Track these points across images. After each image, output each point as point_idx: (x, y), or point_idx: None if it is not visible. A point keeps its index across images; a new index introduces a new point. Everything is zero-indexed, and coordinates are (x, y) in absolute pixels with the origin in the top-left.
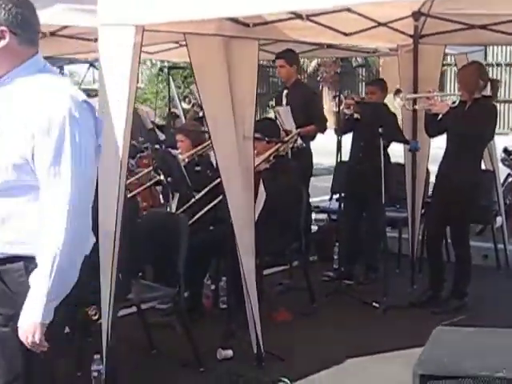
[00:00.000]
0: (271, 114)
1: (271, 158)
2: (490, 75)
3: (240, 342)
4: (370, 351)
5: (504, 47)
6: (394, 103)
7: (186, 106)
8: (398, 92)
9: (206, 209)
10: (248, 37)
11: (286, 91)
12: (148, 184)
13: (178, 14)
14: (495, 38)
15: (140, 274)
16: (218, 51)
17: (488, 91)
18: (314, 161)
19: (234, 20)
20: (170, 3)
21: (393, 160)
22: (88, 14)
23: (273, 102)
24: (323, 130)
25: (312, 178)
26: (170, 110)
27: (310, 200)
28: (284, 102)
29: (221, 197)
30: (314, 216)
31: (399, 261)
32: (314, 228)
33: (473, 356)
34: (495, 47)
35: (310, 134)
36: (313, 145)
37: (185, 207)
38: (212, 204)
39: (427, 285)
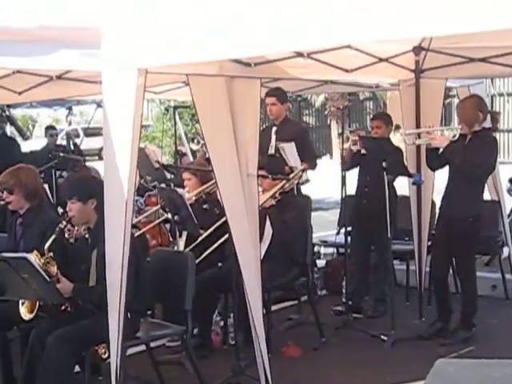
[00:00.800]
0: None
1: (277, 194)
2: (494, 105)
3: (249, 378)
4: None
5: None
6: (394, 138)
7: (194, 146)
8: (397, 128)
9: (213, 246)
10: (250, 76)
11: (274, 128)
12: (155, 222)
13: (179, 57)
14: (496, 70)
15: (149, 312)
16: (221, 91)
17: (488, 123)
18: (323, 194)
19: (236, 60)
20: (171, 46)
21: (399, 193)
22: (91, 57)
23: None
24: (314, 166)
25: (320, 212)
26: (176, 148)
27: (318, 234)
28: (273, 138)
29: (228, 234)
30: (322, 250)
31: (407, 293)
32: (322, 262)
33: None
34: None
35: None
36: (322, 178)
37: (192, 245)
38: (219, 241)
39: (435, 317)
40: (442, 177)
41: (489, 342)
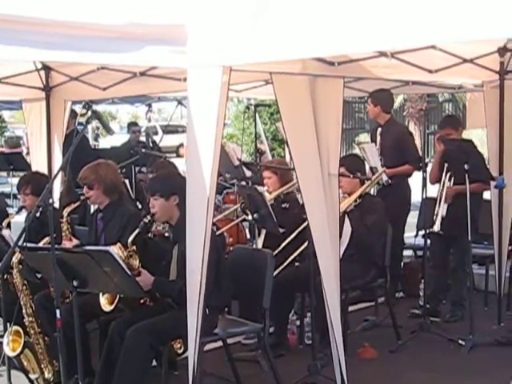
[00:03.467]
0: (356, 150)
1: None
2: None
3: (324, 378)
4: None
5: None
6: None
7: None
8: None
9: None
10: (333, 75)
11: (379, 129)
12: (235, 221)
13: (264, 55)
14: None
15: (226, 309)
16: (304, 89)
17: None
18: None
19: (320, 59)
20: (256, 44)
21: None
22: (178, 55)
23: (358, 138)
24: (418, 168)
25: None
26: (256, 146)
27: None
28: (378, 139)
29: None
30: None
31: (486, 298)
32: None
33: None
34: None
35: (407, 172)
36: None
37: (279, 249)
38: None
39: None
40: None
41: None
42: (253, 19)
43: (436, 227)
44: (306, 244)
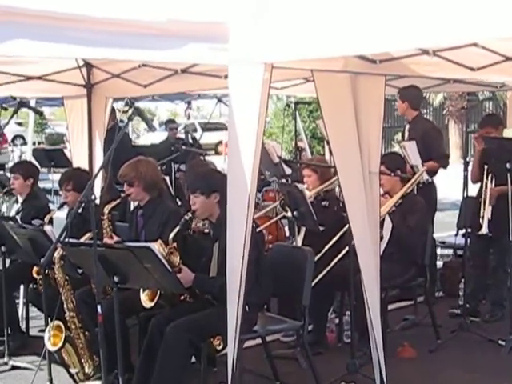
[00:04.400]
0: (396, 148)
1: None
2: None
3: (363, 377)
4: None
5: None
6: None
7: None
8: None
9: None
10: (375, 73)
11: (407, 126)
12: (275, 219)
13: (305, 52)
14: None
15: (266, 306)
16: (345, 87)
17: None
18: (441, 195)
19: (361, 57)
20: (298, 41)
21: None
22: (219, 52)
23: (398, 136)
24: (445, 165)
25: (438, 213)
26: (296, 144)
27: (436, 235)
28: (406, 135)
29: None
30: (439, 251)
31: None
32: (440, 263)
33: None
34: None
35: (431, 169)
36: (439, 178)
37: (323, 252)
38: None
39: None
40: None
41: None
42: (295, 16)
43: (484, 230)
44: (347, 248)
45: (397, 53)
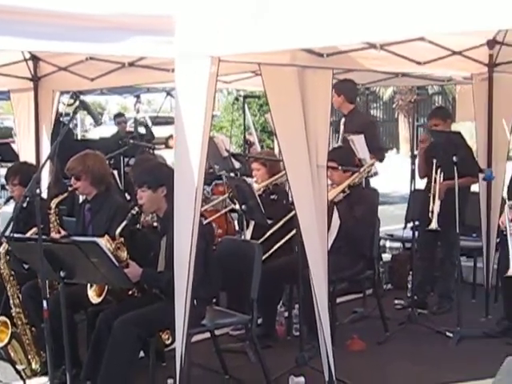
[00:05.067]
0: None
1: (346, 188)
2: None
3: (312, 370)
4: (443, 381)
5: None
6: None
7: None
8: None
9: (283, 241)
10: (322, 66)
11: (343, 119)
12: (223, 211)
13: (252, 45)
14: None
15: (214, 300)
16: (292, 81)
17: None
18: (390, 189)
19: (308, 50)
20: (244, 35)
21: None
22: (166, 45)
23: None
24: (381, 158)
25: (387, 206)
26: (245, 138)
27: (385, 228)
28: (341, 129)
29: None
30: (388, 244)
31: (474, 290)
32: (388, 256)
33: None
34: None
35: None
36: (389, 172)
37: (264, 238)
38: (289, 234)
39: (502, 315)
40: None
41: None
42: (241, 9)
43: (433, 225)
44: (292, 232)
45: (344, 46)
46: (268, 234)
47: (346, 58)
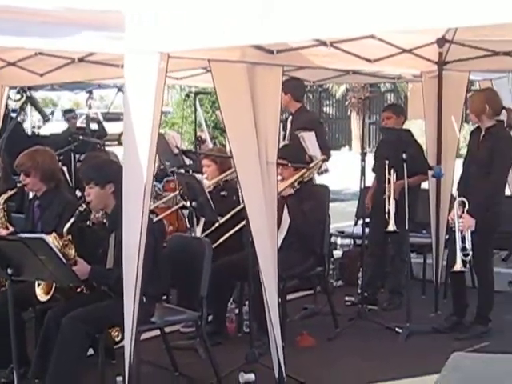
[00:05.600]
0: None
1: (296, 184)
2: None
3: (262, 366)
4: (392, 377)
5: None
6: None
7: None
8: None
9: (230, 233)
10: (272, 63)
11: (290, 117)
12: (173, 208)
13: (201, 41)
14: None
15: (164, 297)
16: (242, 77)
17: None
18: (342, 186)
19: (258, 47)
20: (194, 31)
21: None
22: (115, 40)
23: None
24: (327, 158)
25: (339, 203)
26: (196, 134)
27: (337, 225)
28: (288, 127)
29: (245, 222)
30: (338, 241)
31: (424, 286)
32: (339, 253)
33: (489, 383)
34: None
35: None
36: (340, 169)
37: (209, 231)
38: (237, 229)
39: (451, 310)
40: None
41: (504, 337)
42: (191, 5)
43: (391, 227)
44: (241, 224)
45: (294, 44)
46: (216, 225)
47: (296, 55)
